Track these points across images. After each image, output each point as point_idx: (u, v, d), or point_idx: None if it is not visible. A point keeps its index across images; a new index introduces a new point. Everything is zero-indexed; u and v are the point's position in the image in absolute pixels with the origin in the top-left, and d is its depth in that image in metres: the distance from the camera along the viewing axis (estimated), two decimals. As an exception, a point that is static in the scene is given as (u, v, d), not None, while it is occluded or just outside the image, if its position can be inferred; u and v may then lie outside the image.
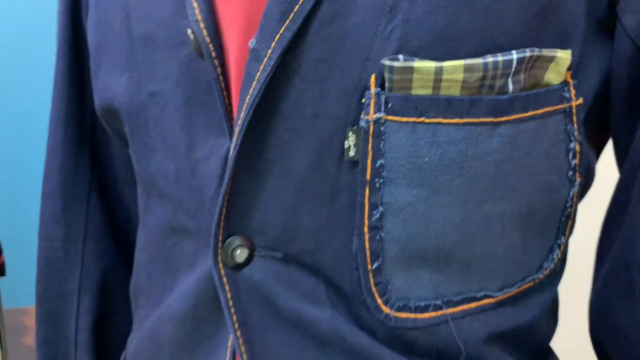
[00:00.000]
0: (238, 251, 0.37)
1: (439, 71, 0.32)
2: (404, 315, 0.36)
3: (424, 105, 0.33)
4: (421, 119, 0.33)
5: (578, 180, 0.37)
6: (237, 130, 0.34)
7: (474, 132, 0.33)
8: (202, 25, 0.36)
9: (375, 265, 0.36)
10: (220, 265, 0.37)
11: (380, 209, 0.35)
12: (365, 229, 0.35)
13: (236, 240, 0.37)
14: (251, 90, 0.34)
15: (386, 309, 0.36)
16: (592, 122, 0.38)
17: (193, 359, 0.42)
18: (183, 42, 0.38)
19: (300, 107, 0.34)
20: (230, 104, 0.37)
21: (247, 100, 0.34)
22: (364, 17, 0.33)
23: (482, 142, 0.33)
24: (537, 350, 0.43)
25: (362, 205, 0.35)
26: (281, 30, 0.33)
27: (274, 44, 0.33)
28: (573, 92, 0.35)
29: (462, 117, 0.33)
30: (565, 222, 0.38)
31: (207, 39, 0.36)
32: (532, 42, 0.33)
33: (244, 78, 0.34)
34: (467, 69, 0.32)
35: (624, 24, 0.35)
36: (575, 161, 0.36)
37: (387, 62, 0.32)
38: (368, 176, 0.34)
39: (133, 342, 0.48)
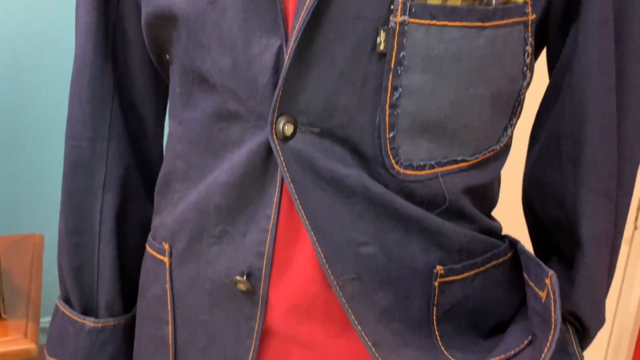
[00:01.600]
0: (286, 127, 0.48)
1: None
2: (408, 172, 0.50)
3: (436, 11, 0.46)
4: (433, 22, 0.46)
5: (528, 75, 0.52)
6: (297, 26, 0.46)
7: (469, 33, 0.47)
8: None
9: (391, 135, 0.49)
10: (275, 137, 0.48)
11: (400, 90, 0.47)
12: (387, 107, 0.48)
13: (283, 119, 0.48)
14: None
15: (397, 167, 0.49)
16: (536, 34, 0.53)
17: (237, 219, 0.53)
18: None
19: (345, 12, 0.46)
20: (283, 9, 0.48)
21: (307, 4, 0.45)
22: None
23: (474, 41, 0.47)
24: (489, 208, 0.58)
25: (386, 87, 0.47)
26: None
27: None
28: (530, 9, 0.50)
29: (461, 21, 0.46)
30: (517, 107, 0.53)
31: None
32: None
33: None
34: None
35: None
36: (528, 60, 0.51)
37: None
38: (392, 65, 0.47)
39: (169, 218, 0.58)
